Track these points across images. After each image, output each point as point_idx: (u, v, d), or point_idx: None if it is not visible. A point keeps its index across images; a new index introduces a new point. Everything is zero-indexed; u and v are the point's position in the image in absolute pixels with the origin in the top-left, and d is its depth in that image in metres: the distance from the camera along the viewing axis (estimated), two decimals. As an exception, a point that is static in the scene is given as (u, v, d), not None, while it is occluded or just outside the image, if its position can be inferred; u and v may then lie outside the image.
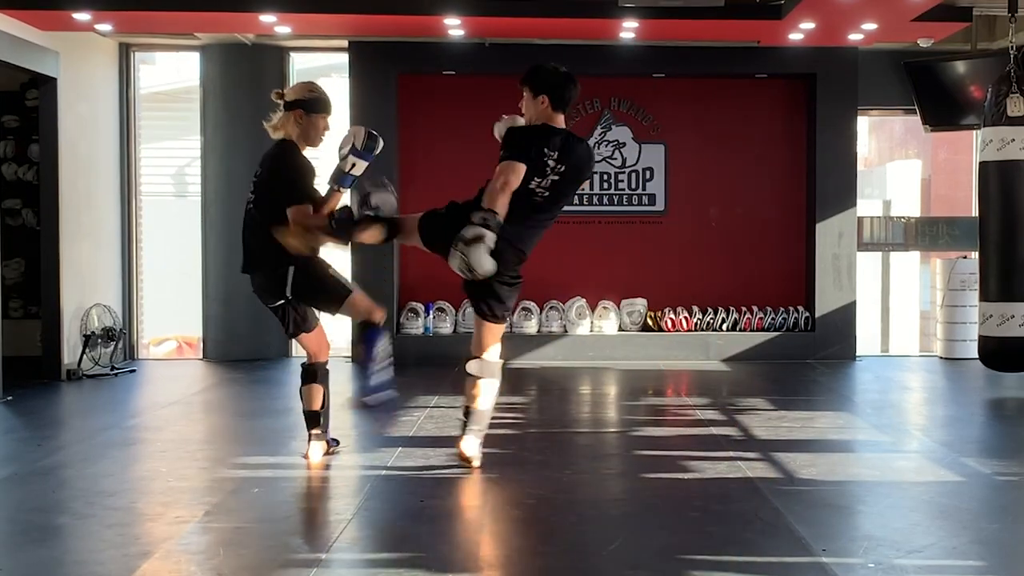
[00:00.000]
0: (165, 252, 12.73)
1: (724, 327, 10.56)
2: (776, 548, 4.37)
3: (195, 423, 7.56)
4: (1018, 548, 4.51)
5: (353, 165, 5.62)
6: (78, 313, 9.40)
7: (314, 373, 5.95)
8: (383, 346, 5.59)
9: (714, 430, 6.85)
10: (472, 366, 5.60)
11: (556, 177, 5.46)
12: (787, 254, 10.90)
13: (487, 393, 5.64)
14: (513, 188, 5.28)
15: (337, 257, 11.92)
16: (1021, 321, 8.12)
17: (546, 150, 5.40)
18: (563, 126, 5.57)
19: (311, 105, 5.78)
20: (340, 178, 5.67)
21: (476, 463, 5.64)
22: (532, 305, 10.50)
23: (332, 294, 5.76)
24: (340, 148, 5.69)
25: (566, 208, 10.68)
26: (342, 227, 5.50)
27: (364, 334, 5.62)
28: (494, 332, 5.59)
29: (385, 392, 5.60)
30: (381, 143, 5.67)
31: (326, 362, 6.01)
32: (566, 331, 10.54)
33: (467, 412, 5.70)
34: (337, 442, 6.09)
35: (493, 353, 5.62)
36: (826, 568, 4.05)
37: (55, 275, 9.17)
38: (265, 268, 5.77)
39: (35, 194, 9.61)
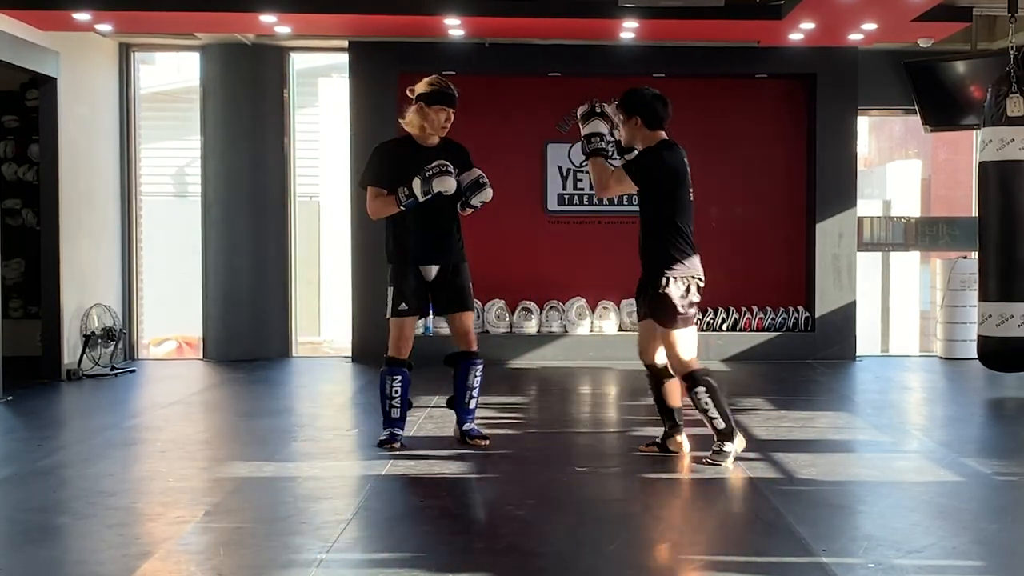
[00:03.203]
0: (165, 252, 12.74)
1: (724, 327, 10.56)
2: (776, 548, 4.37)
3: (195, 423, 7.56)
4: (1018, 548, 4.51)
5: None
6: (78, 313, 9.40)
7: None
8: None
9: (714, 430, 6.83)
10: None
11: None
12: (787, 254, 10.89)
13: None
14: (613, 192, 5.98)
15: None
16: (1020, 321, 8.12)
17: (685, 161, 5.93)
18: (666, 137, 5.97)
19: (429, 98, 6.18)
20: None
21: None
22: (532, 305, 10.50)
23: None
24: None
25: (565, 208, 10.88)
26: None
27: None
28: None
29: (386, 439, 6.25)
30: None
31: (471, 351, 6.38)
32: (566, 331, 10.53)
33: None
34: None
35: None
36: (826, 568, 4.05)
37: (55, 275, 9.17)
38: None
39: (35, 194, 9.61)
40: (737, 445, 5.78)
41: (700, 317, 10.55)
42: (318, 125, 13.90)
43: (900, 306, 15.34)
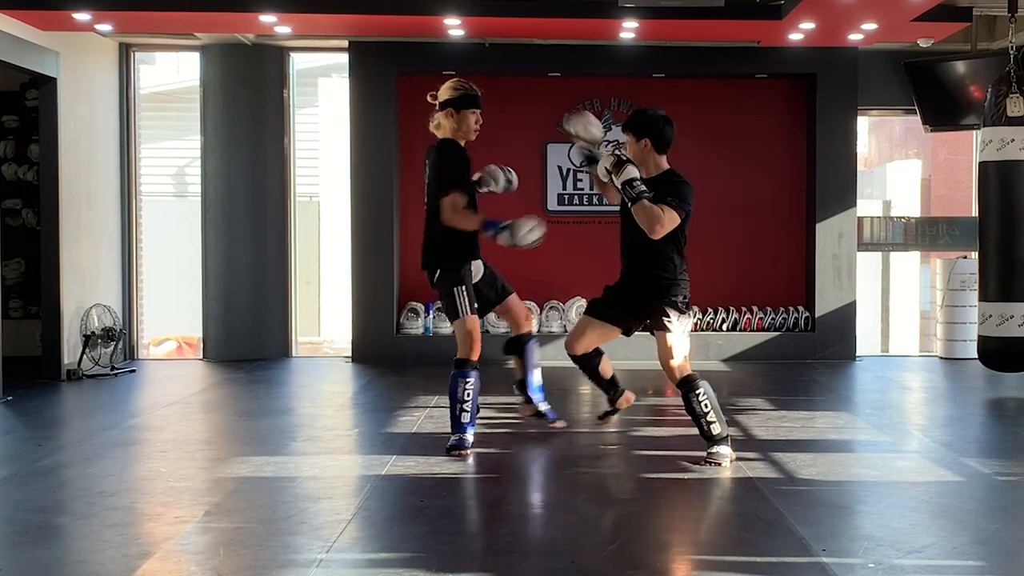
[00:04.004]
0: (165, 252, 12.75)
1: (724, 327, 10.56)
2: (776, 548, 4.37)
3: (195, 423, 7.56)
4: (1018, 548, 4.51)
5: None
6: (78, 313, 9.40)
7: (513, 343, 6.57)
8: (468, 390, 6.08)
9: (714, 430, 6.83)
10: None
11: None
12: (787, 254, 10.89)
13: None
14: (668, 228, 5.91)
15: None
16: (1021, 321, 8.12)
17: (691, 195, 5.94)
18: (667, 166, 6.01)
19: (458, 102, 6.17)
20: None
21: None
22: (532, 305, 10.49)
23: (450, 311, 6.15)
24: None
25: (565, 208, 10.89)
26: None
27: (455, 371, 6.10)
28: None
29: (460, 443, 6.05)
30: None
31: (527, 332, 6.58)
32: (566, 331, 10.52)
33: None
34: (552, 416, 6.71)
35: None
36: (826, 568, 4.05)
37: (55, 275, 9.17)
38: (425, 263, 6.26)
39: (35, 194, 9.61)
40: (728, 452, 5.80)
41: (699, 318, 10.58)
42: (318, 125, 13.92)
43: (900, 306, 15.36)
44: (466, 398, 6.03)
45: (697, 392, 5.76)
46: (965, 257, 10.73)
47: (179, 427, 7.18)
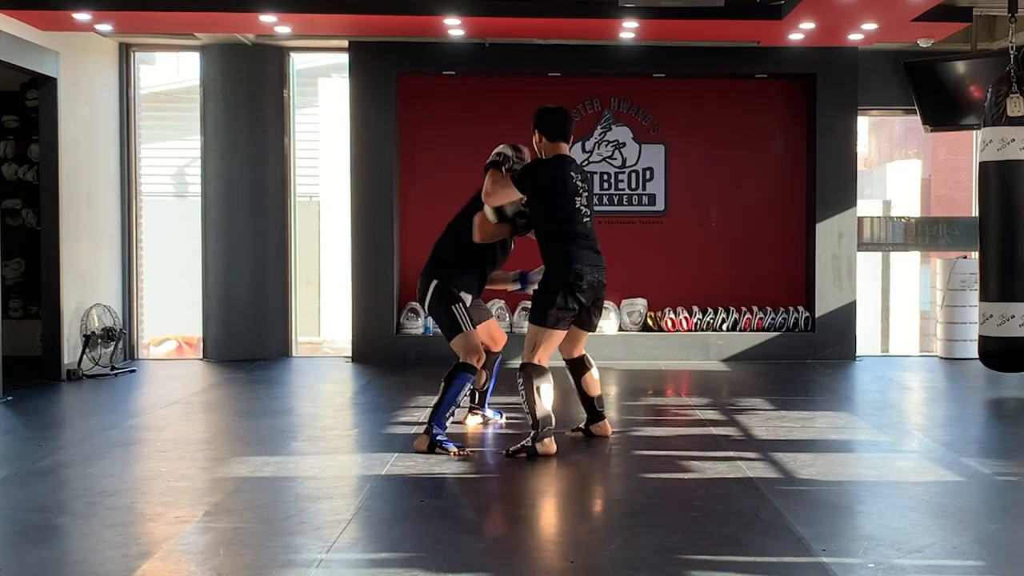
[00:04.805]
0: (165, 252, 12.75)
1: (724, 327, 10.56)
2: (776, 548, 4.37)
3: (195, 423, 7.56)
4: (1018, 548, 4.51)
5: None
6: (78, 313, 9.40)
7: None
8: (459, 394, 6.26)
9: (714, 430, 6.85)
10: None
11: (587, 193, 6.24)
12: (787, 254, 10.89)
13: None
14: (497, 198, 6.25)
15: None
16: (1021, 321, 8.12)
17: (572, 174, 6.19)
18: (566, 152, 6.29)
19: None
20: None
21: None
22: (532, 305, 10.50)
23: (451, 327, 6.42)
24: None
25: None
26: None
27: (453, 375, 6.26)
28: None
29: (447, 442, 6.11)
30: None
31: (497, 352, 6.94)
32: (566, 331, 10.51)
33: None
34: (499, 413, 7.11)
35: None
36: (826, 568, 4.05)
37: (55, 275, 9.17)
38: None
39: (35, 194, 9.62)
40: (540, 446, 5.99)
41: (699, 318, 10.58)
42: (318, 125, 13.92)
43: (900, 306, 15.36)
44: (459, 401, 6.31)
45: (518, 380, 6.18)
46: (965, 257, 10.73)
47: (179, 427, 7.18)
